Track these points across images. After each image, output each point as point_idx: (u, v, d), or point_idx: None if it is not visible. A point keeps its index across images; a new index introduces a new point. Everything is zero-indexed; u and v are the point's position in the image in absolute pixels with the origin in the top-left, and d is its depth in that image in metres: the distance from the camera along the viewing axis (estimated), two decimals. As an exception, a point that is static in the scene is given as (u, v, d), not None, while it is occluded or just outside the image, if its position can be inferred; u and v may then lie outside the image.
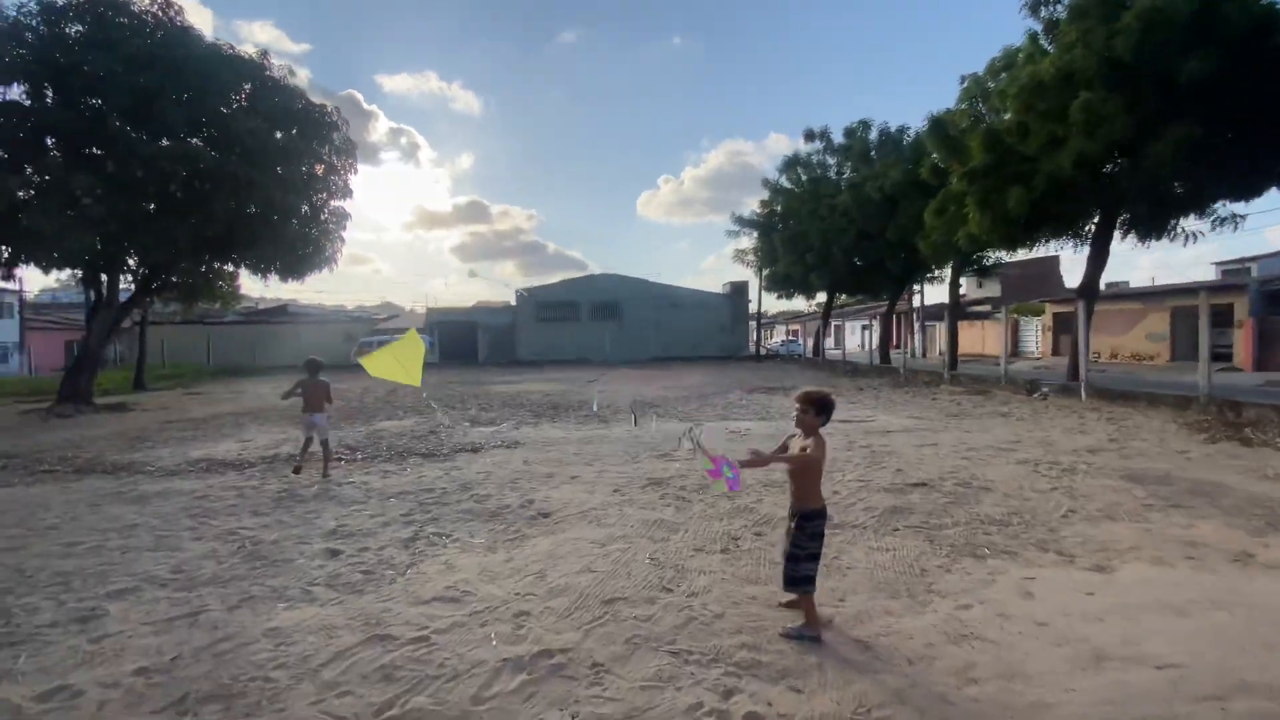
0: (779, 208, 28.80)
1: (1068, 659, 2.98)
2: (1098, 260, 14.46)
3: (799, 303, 36.58)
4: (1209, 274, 35.11)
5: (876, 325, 49.77)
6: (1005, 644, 3.15)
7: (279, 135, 16.88)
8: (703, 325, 38.52)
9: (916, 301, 36.37)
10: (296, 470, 7.37)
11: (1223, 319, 24.30)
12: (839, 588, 3.91)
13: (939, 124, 15.86)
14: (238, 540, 5.03)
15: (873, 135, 24.39)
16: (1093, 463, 7.44)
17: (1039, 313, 36.22)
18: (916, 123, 25.99)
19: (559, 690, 2.78)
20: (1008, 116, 13.76)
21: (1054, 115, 11.96)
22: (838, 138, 25.74)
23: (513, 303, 39.04)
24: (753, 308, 39.44)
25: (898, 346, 48.40)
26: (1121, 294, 30.55)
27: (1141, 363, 27.38)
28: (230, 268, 21.25)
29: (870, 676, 2.87)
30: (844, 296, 32.27)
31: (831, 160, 26.72)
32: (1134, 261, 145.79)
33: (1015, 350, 36.10)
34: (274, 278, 18.85)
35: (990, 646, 3.13)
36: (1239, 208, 12.34)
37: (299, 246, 17.50)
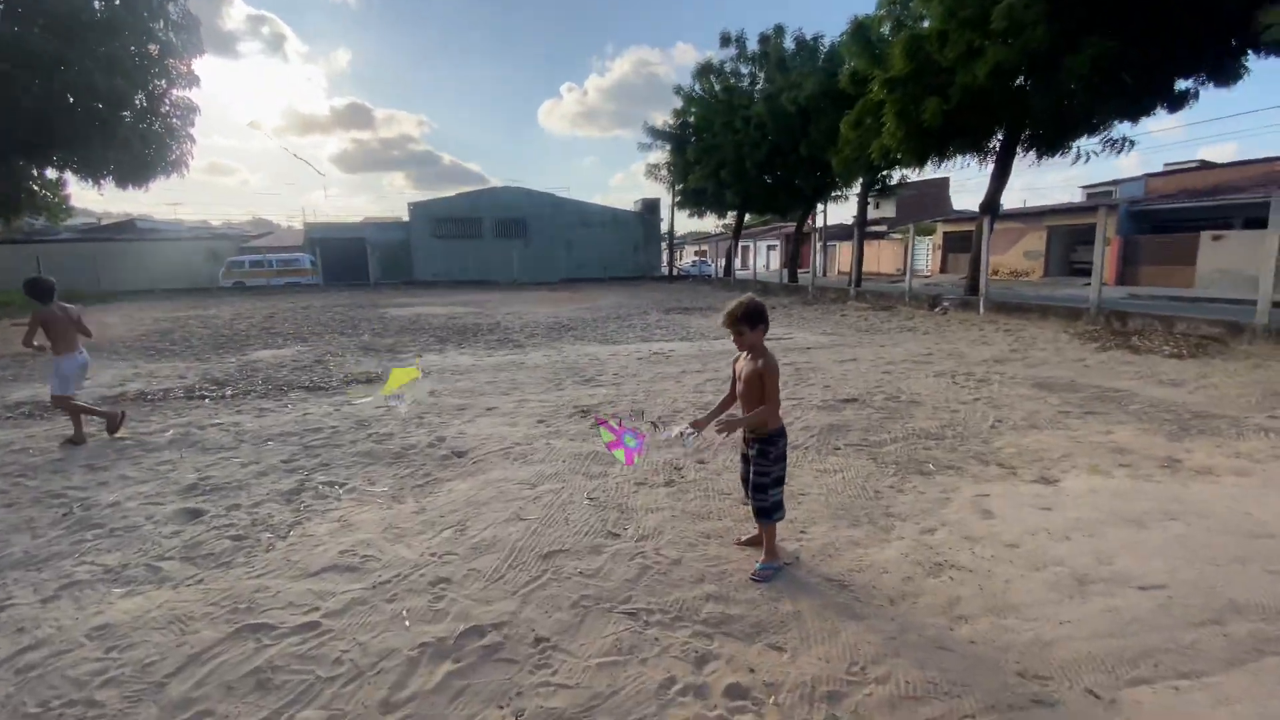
0: (692, 119, 27.63)
1: (1050, 585, 2.80)
2: (1000, 177, 14.87)
3: (708, 222, 36.33)
4: (1077, 197, 38.05)
5: (782, 246, 51.04)
6: (982, 572, 2.94)
7: (96, 3, 13.63)
8: (615, 244, 37.31)
9: (819, 221, 37.10)
10: (77, 440, 5.39)
11: (1091, 237, 26.46)
12: (798, 517, 3.58)
13: (861, 29, 15.29)
14: (63, 504, 3.98)
15: (788, 43, 23.48)
16: (1003, 373, 7.65)
17: (930, 232, 38.11)
18: (832, 31, 25.16)
19: (496, 680, 2.23)
20: (928, 24, 13.39)
21: (975, 23, 11.70)
22: (753, 45, 24.64)
23: (405, 218, 35.82)
24: (665, 226, 38.69)
25: (803, 267, 50.05)
26: (1002, 214, 32.45)
27: (1019, 278, 29.62)
28: (53, 173, 17.65)
29: (855, 623, 2.54)
30: (748, 217, 32.12)
31: (745, 70, 25.67)
32: (1009, 184, 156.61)
33: (909, 268, 37.99)
34: (110, 185, 15.80)
35: (968, 576, 2.90)
36: (1128, 130, 12.92)
37: (136, 146, 14.61)
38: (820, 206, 28.05)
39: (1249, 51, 11.32)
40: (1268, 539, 3.19)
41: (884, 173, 21.08)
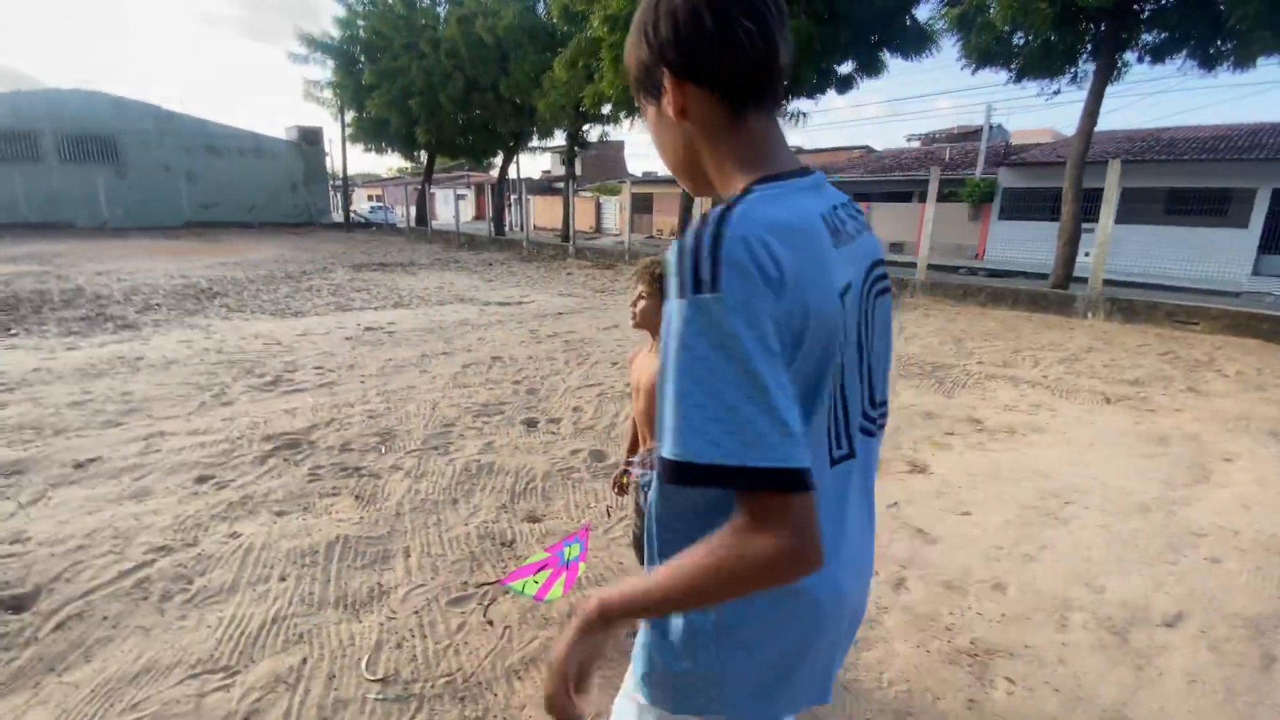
0: (362, 32, 22.85)
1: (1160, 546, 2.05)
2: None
3: (379, 164, 31.30)
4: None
5: (472, 195, 47.96)
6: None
7: None
8: (264, 181, 29.40)
9: (515, 173, 35.54)
10: None
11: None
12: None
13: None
14: None
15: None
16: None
17: (617, 192, 40.04)
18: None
19: None
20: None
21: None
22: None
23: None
24: (336, 163, 32.32)
25: (493, 219, 47.83)
26: (675, 180, 35.66)
27: (693, 238, 32.98)
28: None
29: None
30: (437, 161, 28.73)
31: (427, -19, 22.11)
32: None
33: (599, 227, 39.50)
34: None
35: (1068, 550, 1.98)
36: (808, 104, 14.49)
37: None
38: (515, 157, 26.47)
39: (885, 49, 13.45)
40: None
41: (588, 125, 20.53)
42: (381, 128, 23.59)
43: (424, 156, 26.58)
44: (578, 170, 45.21)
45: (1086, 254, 18.02)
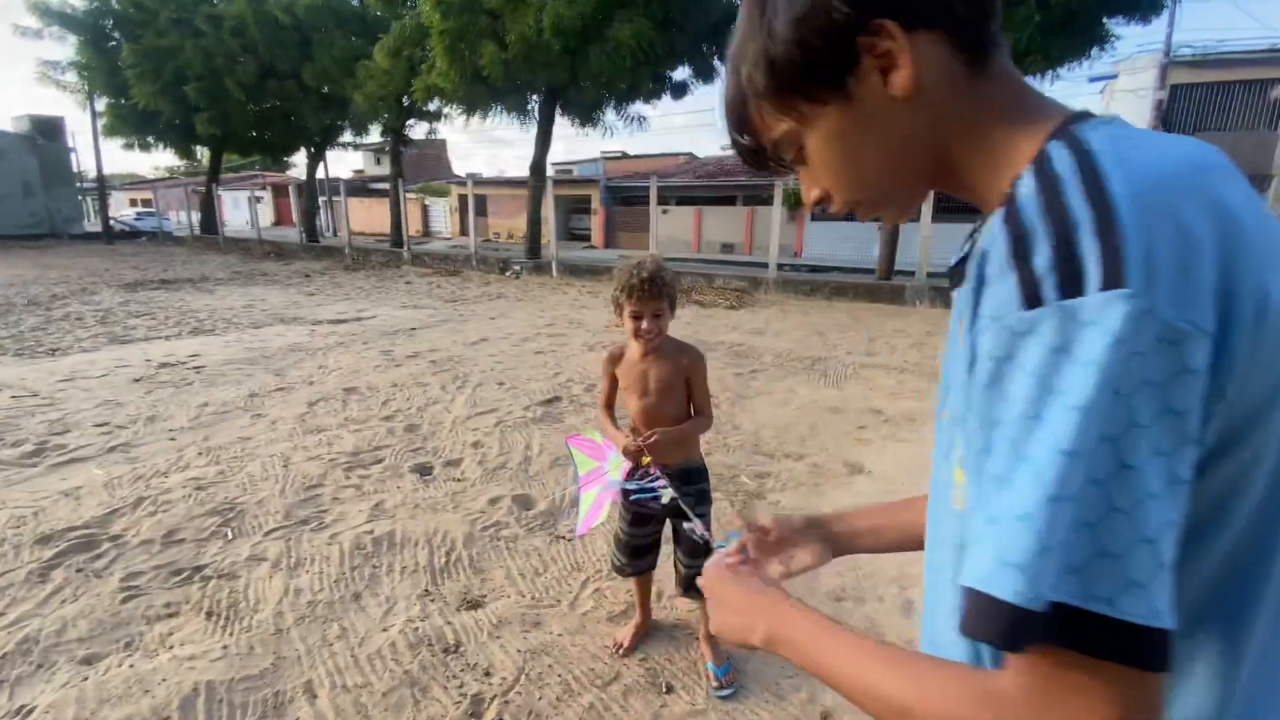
0: (115, 3, 18.72)
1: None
2: (544, 141, 14.91)
3: (158, 159, 26.26)
4: (550, 171, 43.80)
5: (270, 197, 42.23)
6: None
7: None
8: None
9: (321, 173, 31.83)
10: None
11: (584, 207, 30.67)
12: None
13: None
14: None
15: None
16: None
17: (445, 194, 37.78)
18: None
19: None
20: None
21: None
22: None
23: None
24: (87, 161, 26.40)
25: (292, 224, 42.37)
26: (513, 181, 34.61)
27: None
28: None
29: None
30: (214, 157, 24.66)
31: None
32: (501, 152, 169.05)
33: (426, 230, 37.03)
34: None
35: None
36: (646, 110, 14.62)
37: None
38: (324, 154, 23.60)
39: (717, 58, 13.99)
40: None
41: (412, 120, 18.89)
42: (150, 119, 19.59)
43: (207, 153, 22.65)
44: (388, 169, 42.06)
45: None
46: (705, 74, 13.88)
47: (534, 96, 14.62)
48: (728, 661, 1.98)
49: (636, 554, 2.02)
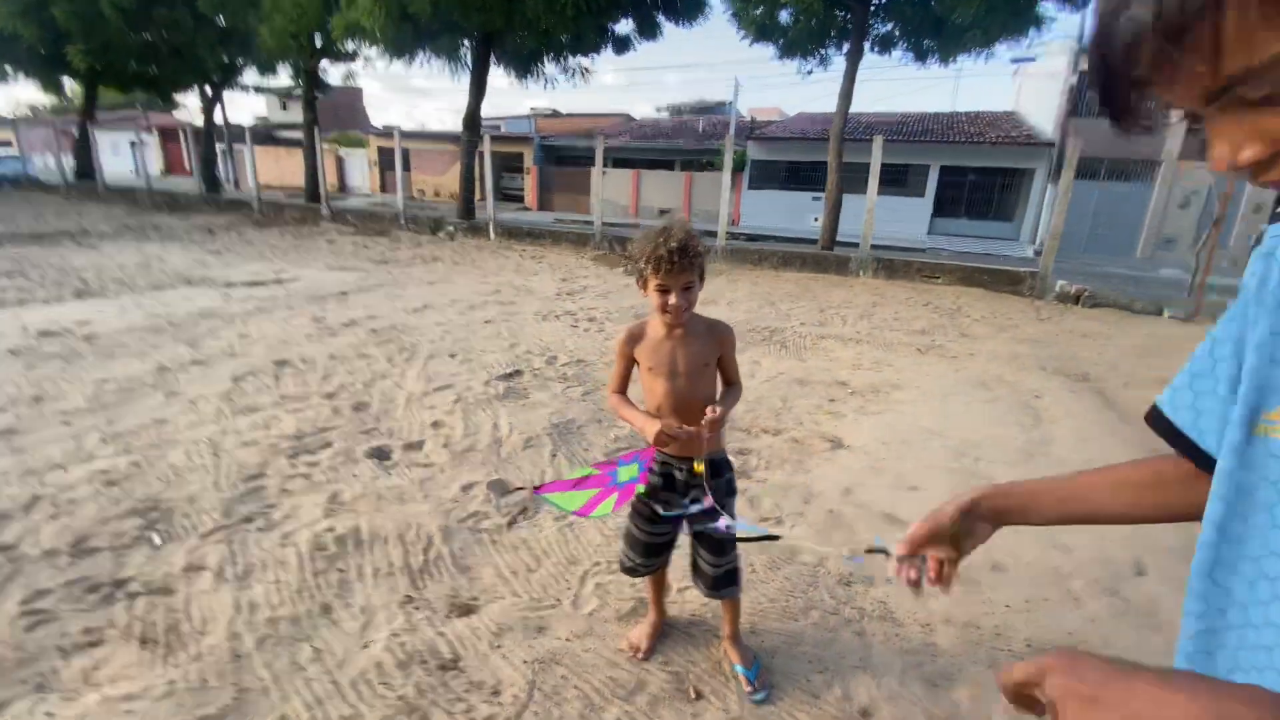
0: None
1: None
2: (478, 90, 13.99)
3: (16, 94, 22.77)
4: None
5: (156, 142, 37.83)
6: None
7: None
8: None
9: (219, 117, 28.74)
10: None
11: (516, 165, 29.42)
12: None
13: None
14: None
15: None
16: (596, 309, 7.01)
17: (362, 145, 35.20)
18: None
19: None
20: None
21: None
22: None
23: None
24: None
25: (179, 172, 38.09)
26: (438, 135, 32.62)
27: (456, 199, 30.62)
28: None
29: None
30: (88, 93, 21.63)
31: None
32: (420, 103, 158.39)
33: (342, 185, 34.57)
34: None
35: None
36: (586, 62, 13.97)
37: None
38: (221, 96, 21.21)
39: (660, 14, 13.49)
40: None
41: (326, 63, 17.25)
42: (7, 44, 16.85)
43: (79, 89, 19.85)
44: (299, 116, 38.65)
45: (816, 219, 20.66)
46: (648, 29, 13.36)
47: (467, 42, 13.64)
48: (757, 661, 1.85)
49: (653, 552, 1.84)
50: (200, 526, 2.43)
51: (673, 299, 1.59)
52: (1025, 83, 23.43)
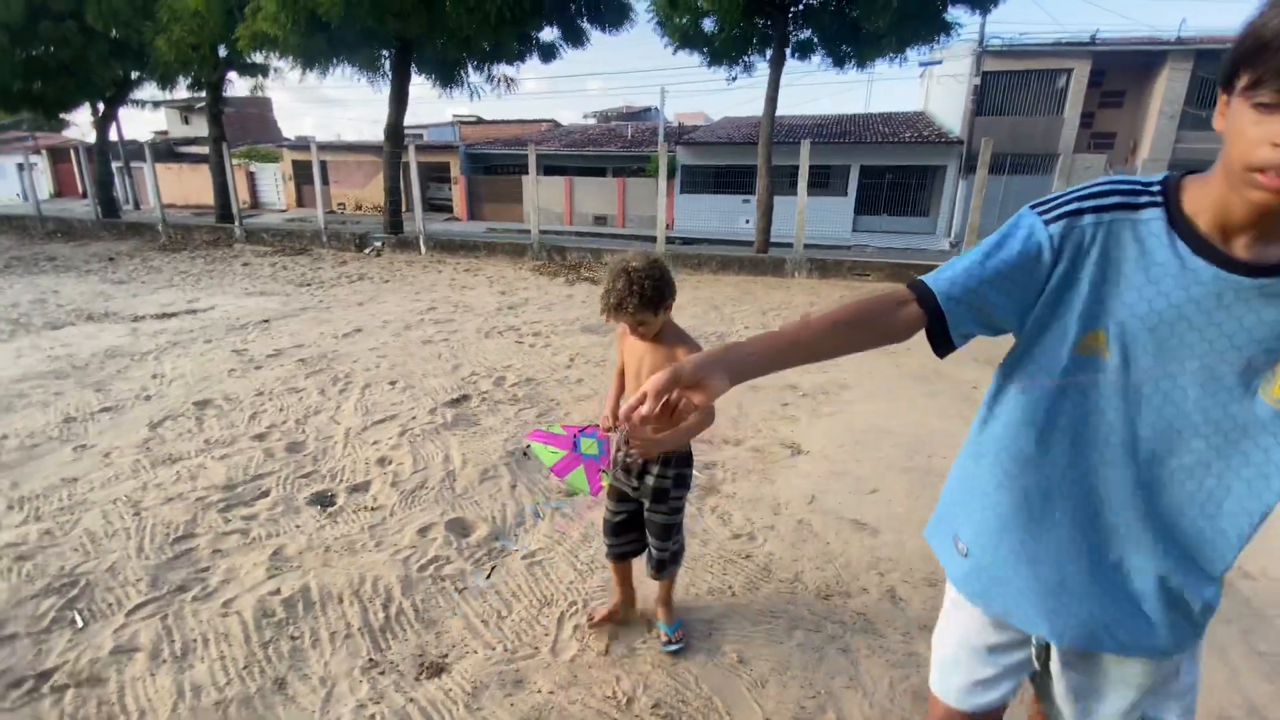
0: None
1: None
2: (399, 100, 13.52)
3: None
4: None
5: (46, 163, 34.65)
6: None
7: None
8: None
9: (113, 134, 26.58)
10: None
11: (442, 175, 28.65)
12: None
13: None
14: None
15: None
16: (540, 322, 6.87)
17: (275, 159, 33.41)
18: None
19: None
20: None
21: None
22: None
23: None
24: None
25: (69, 194, 35.15)
26: (357, 146, 31.37)
27: (381, 213, 29.49)
28: None
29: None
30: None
31: None
32: (334, 113, 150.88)
33: (255, 202, 32.77)
34: None
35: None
36: (511, 71, 13.74)
37: None
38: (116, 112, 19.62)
39: (585, 22, 13.42)
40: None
41: (231, 74, 16.26)
42: None
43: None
44: (203, 130, 36.29)
45: (747, 221, 21.08)
46: (574, 37, 13.27)
47: (385, 52, 13.15)
48: (678, 621, 2.07)
49: (611, 531, 2.01)
50: (126, 601, 2.18)
51: (630, 327, 1.81)
52: (932, 85, 24.78)
